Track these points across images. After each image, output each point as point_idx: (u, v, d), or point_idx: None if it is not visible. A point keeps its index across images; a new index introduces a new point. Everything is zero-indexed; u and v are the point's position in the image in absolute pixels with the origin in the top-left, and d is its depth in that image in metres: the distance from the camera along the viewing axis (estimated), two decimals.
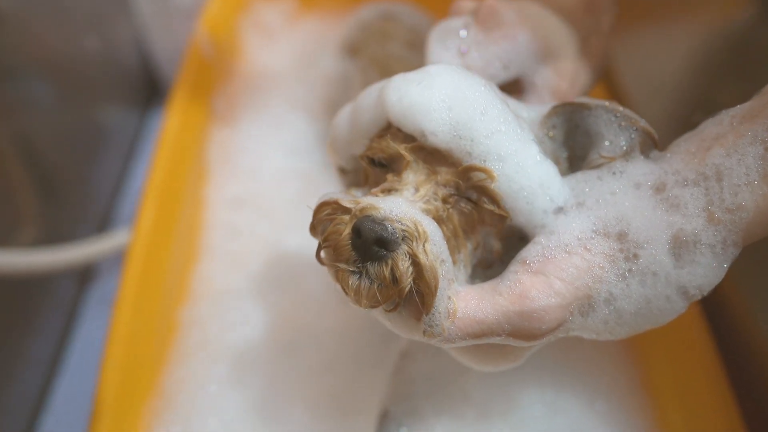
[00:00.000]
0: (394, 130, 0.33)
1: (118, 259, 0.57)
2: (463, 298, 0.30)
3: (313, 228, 0.33)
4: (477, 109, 0.32)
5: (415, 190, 0.31)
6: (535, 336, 0.29)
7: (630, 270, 0.29)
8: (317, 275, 0.55)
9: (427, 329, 0.29)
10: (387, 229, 0.28)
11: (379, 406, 0.43)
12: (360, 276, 0.29)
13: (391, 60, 0.58)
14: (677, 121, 0.57)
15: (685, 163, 0.31)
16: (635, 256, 0.29)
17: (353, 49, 0.63)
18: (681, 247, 0.29)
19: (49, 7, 0.58)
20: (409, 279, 0.29)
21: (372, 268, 0.29)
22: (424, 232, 0.29)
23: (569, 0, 0.41)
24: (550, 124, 0.34)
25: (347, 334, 0.51)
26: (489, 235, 0.33)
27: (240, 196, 0.62)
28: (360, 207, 0.30)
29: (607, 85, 0.61)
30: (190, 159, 0.62)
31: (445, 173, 0.32)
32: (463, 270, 0.33)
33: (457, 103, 0.32)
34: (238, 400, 0.48)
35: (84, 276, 0.63)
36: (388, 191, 0.32)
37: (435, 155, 0.32)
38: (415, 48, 0.60)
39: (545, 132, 0.34)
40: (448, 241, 0.31)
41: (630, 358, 0.48)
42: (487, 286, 0.31)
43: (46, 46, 0.59)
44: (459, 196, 0.32)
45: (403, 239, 0.29)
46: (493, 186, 0.31)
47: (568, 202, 0.32)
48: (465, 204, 0.32)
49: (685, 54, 0.59)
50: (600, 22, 0.41)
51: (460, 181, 0.32)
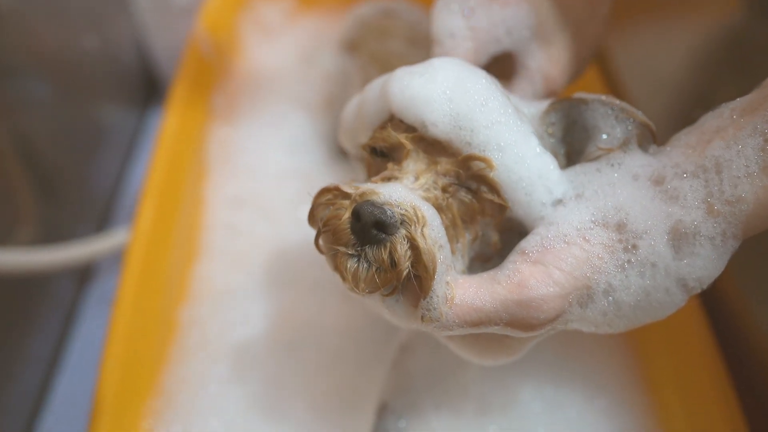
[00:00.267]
0: (396, 121, 0.33)
1: (117, 258, 0.57)
2: (461, 286, 0.30)
3: (312, 216, 0.33)
4: (478, 100, 0.32)
5: (415, 179, 0.32)
6: (533, 326, 0.29)
7: (629, 261, 0.29)
8: (317, 274, 0.55)
9: (425, 314, 0.29)
10: (386, 212, 0.29)
11: (377, 399, 0.42)
12: (358, 259, 0.29)
13: (390, 57, 0.58)
14: (677, 118, 0.57)
15: (685, 156, 0.31)
16: (634, 246, 0.29)
17: (353, 47, 0.63)
18: (680, 238, 0.29)
19: (48, 6, 0.58)
20: (407, 262, 0.29)
21: (371, 251, 0.29)
22: (422, 217, 0.29)
23: None
24: (549, 121, 0.34)
25: (348, 332, 0.51)
26: (488, 227, 0.33)
27: (240, 195, 0.62)
28: (360, 192, 0.30)
29: (607, 81, 0.61)
30: (190, 158, 0.62)
31: (445, 163, 0.32)
32: (461, 260, 0.33)
33: (458, 94, 0.32)
34: (239, 399, 0.47)
35: (83, 275, 0.63)
36: (388, 179, 0.32)
37: (435, 146, 0.32)
38: (415, 45, 0.60)
39: (544, 129, 0.34)
40: (446, 230, 0.31)
41: (630, 353, 0.48)
42: (485, 275, 0.31)
43: (45, 44, 0.59)
44: (459, 185, 0.32)
45: (401, 223, 0.29)
46: (492, 175, 0.31)
47: (567, 194, 0.32)
48: (465, 194, 0.32)
49: (685, 50, 0.59)
50: (596, 9, 0.41)
51: (460, 171, 0.32)
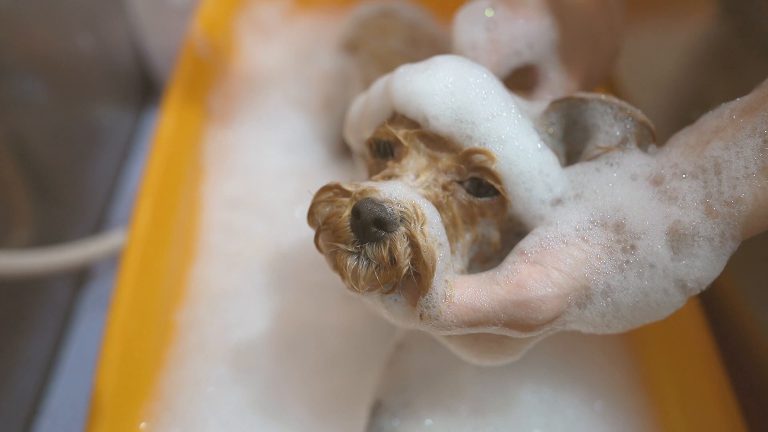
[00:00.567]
0: (398, 118, 0.33)
1: (114, 260, 0.57)
2: (459, 285, 0.30)
3: (311, 214, 0.33)
4: (479, 94, 0.32)
5: (415, 176, 0.32)
6: (531, 327, 0.29)
7: (627, 261, 0.29)
8: (316, 274, 0.54)
9: (424, 312, 0.29)
10: (386, 210, 0.29)
11: (371, 398, 0.42)
12: (358, 257, 0.29)
13: (390, 56, 0.58)
14: (674, 117, 0.57)
15: (684, 156, 0.31)
16: (632, 247, 0.29)
17: (352, 46, 0.63)
18: (679, 239, 0.29)
19: (43, 5, 0.58)
20: (407, 260, 0.29)
21: (370, 249, 0.29)
22: (422, 215, 0.29)
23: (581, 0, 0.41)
24: (549, 121, 0.34)
25: (346, 332, 0.51)
26: (489, 226, 0.33)
27: (237, 196, 0.61)
28: (360, 190, 0.30)
29: (606, 81, 0.61)
30: (186, 158, 0.62)
31: (446, 159, 0.32)
32: (461, 260, 0.33)
33: (459, 88, 0.32)
34: (238, 401, 0.47)
35: (79, 278, 0.62)
36: (389, 177, 0.32)
37: (436, 141, 0.32)
38: (415, 44, 0.59)
39: (545, 129, 0.34)
40: (446, 229, 0.31)
41: (629, 355, 0.48)
42: (484, 276, 0.31)
43: (40, 44, 0.58)
44: (460, 184, 0.32)
45: (401, 220, 0.29)
46: (494, 167, 0.31)
47: (566, 193, 0.32)
48: (465, 195, 0.32)
49: (683, 50, 0.59)
50: (611, 18, 0.41)
51: (462, 165, 0.32)
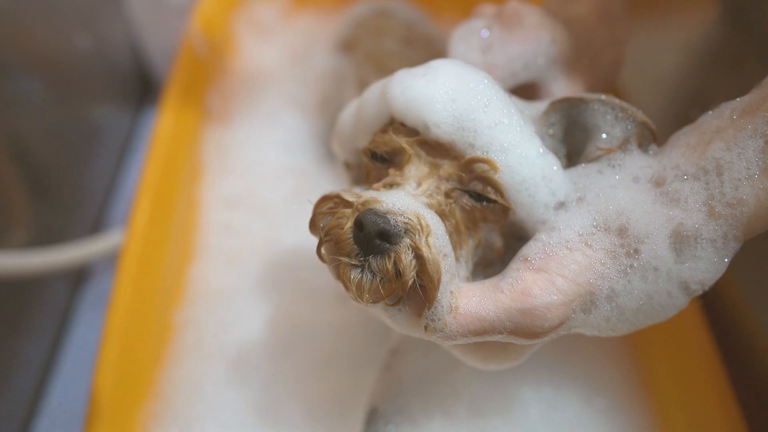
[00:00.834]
0: (396, 125, 0.33)
1: (112, 260, 0.56)
2: (464, 294, 0.29)
3: (313, 224, 0.32)
4: (480, 101, 0.31)
5: (418, 185, 0.31)
6: (537, 334, 0.29)
7: (631, 266, 0.29)
8: (314, 273, 0.54)
9: (429, 324, 0.29)
10: (390, 222, 0.28)
11: (367, 402, 0.42)
12: (362, 270, 0.29)
13: (385, 56, 0.58)
14: (673, 117, 0.57)
15: (686, 157, 0.30)
16: (636, 251, 0.29)
17: (348, 46, 0.63)
18: (682, 242, 0.29)
19: (41, 5, 0.57)
20: (413, 272, 0.28)
21: (374, 261, 0.28)
22: (426, 226, 0.29)
23: (582, 10, 0.41)
24: (549, 121, 0.34)
25: (344, 332, 0.51)
26: (492, 231, 0.33)
27: (235, 195, 0.61)
28: (362, 200, 0.29)
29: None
30: (184, 158, 0.61)
31: (447, 166, 0.31)
32: (465, 266, 0.32)
33: (460, 95, 0.31)
34: (236, 400, 0.47)
35: (78, 277, 0.62)
36: (390, 185, 0.32)
37: (437, 149, 0.32)
38: (410, 44, 0.59)
39: (545, 129, 0.34)
40: (450, 236, 0.31)
41: (628, 353, 0.48)
42: (488, 283, 0.30)
43: (38, 44, 0.58)
44: (462, 191, 0.32)
45: (405, 232, 0.28)
46: (496, 177, 0.31)
47: (569, 196, 0.32)
48: (467, 201, 0.32)
49: (682, 50, 0.59)
50: (613, 31, 0.41)
51: (463, 174, 0.31)
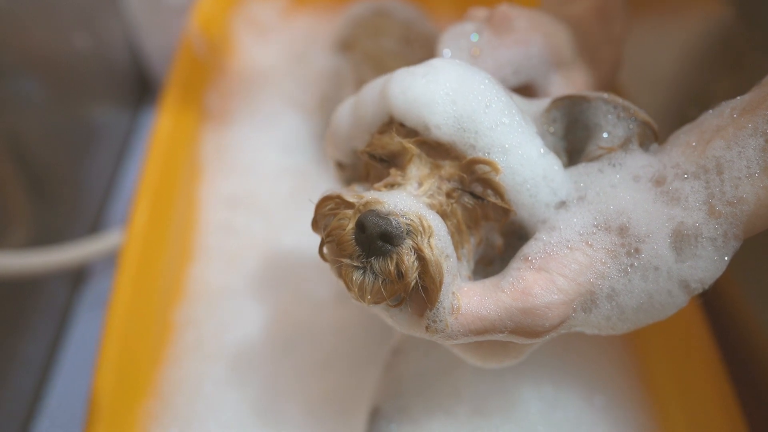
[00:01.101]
0: (396, 125, 0.32)
1: (111, 260, 0.56)
2: (465, 294, 0.30)
3: (315, 223, 0.32)
4: (481, 101, 0.31)
5: (419, 185, 0.31)
6: (537, 333, 0.29)
7: (632, 265, 0.29)
8: (313, 273, 0.54)
9: (431, 325, 0.29)
10: (392, 223, 0.28)
11: (369, 404, 0.42)
12: (364, 271, 0.29)
13: (384, 55, 0.58)
14: (673, 116, 0.57)
15: (686, 156, 0.30)
16: (637, 250, 0.29)
17: (346, 45, 0.63)
18: (682, 240, 0.29)
19: (39, 5, 0.57)
20: (415, 274, 0.28)
21: (377, 263, 0.28)
22: (429, 227, 0.29)
23: (580, 9, 0.41)
24: (551, 119, 0.34)
25: (344, 331, 0.51)
26: (492, 231, 0.33)
27: (234, 195, 0.61)
28: (364, 201, 0.29)
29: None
30: (183, 158, 0.61)
31: (448, 167, 0.31)
32: (466, 265, 0.32)
33: (461, 96, 0.31)
34: (236, 400, 0.47)
35: (77, 277, 0.62)
36: (392, 186, 0.31)
37: (438, 149, 0.32)
38: (409, 43, 0.59)
39: (545, 127, 0.34)
40: (451, 236, 0.31)
41: (628, 352, 0.48)
42: (489, 283, 0.30)
43: (36, 44, 0.58)
44: (463, 191, 0.32)
45: (407, 234, 0.28)
46: (497, 178, 0.31)
47: (570, 195, 0.32)
48: (468, 199, 0.32)
49: (681, 48, 0.59)
50: (611, 30, 0.41)
51: (464, 175, 0.31)
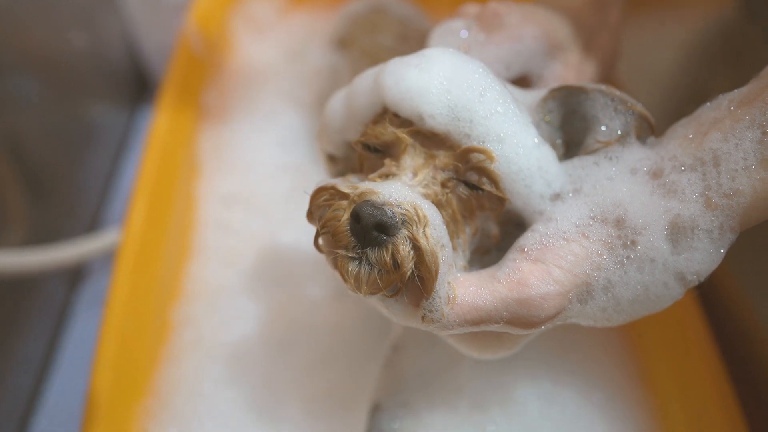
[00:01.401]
0: (390, 115, 0.32)
1: (109, 258, 0.56)
2: (461, 285, 0.30)
3: (311, 214, 0.32)
4: (476, 91, 0.31)
5: (414, 175, 0.31)
6: (533, 324, 0.29)
7: (628, 257, 0.29)
8: (311, 271, 0.54)
9: (427, 315, 0.29)
10: (387, 213, 0.28)
11: (370, 400, 0.42)
12: (360, 262, 0.29)
13: (381, 52, 0.58)
14: (672, 111, 0.57)
15: (683, 149, 0.30)
16: (633, 242, 0.29)
17: (343, 42, 0.63)
18: (678, 233, 0.29)
19: (37, 3, 0.57)
20: (410, 264, 0.28)
21: (372, 253, 0.28)
22: (424, 217, 0.29)
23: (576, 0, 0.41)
24: (547, 109, 0.34)
25: (342, 329, 0.51)
26: (487, 220, 0.33)
27: (232, 193, 0.61)
28: (358, 192, 0.29)
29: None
30: (181, 156, 0.61)
31: (443, 156, 0.31)
32: (462, 255, 0.32)
33: (455, 85, 0.31)
34: (234, 399, 0.47)
35: (74, 276, 0.62)
36: (386, 176, 0.31)
37: (432, 139, 0.32)
38: (406, 40, 0.59)
39: (541, 117, 0.34)
40: (447, 225, 0.31)
41: (627, 348, 0.48)
42: (485, 273, 0.30)
43: (34, 42, 0.58)
44: (458, 180, 0.32)
45: (403, 223, 0.28)
46: (492, 167, 0.31)
47: (565, 188, 0.32)
48: (463, 189, 0.32)
49: (680, 44, 0.59)
50: (607, 17, 0.41)
51: (459, 164, 0.31)
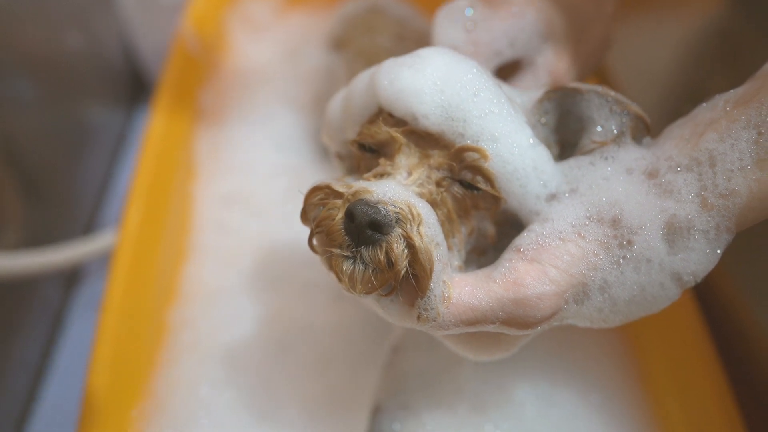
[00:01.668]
0: (385, 115, 0.32)
1: (105, 261, 0.56)
2: (457, 284, 0.29)
3: (305, 214, 0.32)
4: (469, 90, 0.31)
5: (408, 174, 0.31)
6: (529, 324, 0.29)
7: (624, 257, 0.29)
8: (309, 271, 0.54)
9: (422, 313, 0.29)
10: (380, 211, 0.28)
11: (371, 401, 0.42)
12: (354, 261, 0.29)
13: (378, 53, 0.58)
14: (668, 112, 0.57)
15: (679, 149, 0.30)
16: (629, 242, 0.29)
17: (340, 43, 0.63)
18: (675, 233, 0.29)
19: (32, 4, 0.57)
20: (405, 262, 0.28)
21: (366, 252, 0.28)
22: (418, 215, 0.29)
23: None
24: (542, 110, 0.34)
25: (340, 330, 0.51)
26: (484, 220, 0.33)
27: (229, 194, 0.61)
28: (352, 191, 0.29)
29: (599, 75, 0.61)
30: (177, 157, 0.61)
31: (437, 156, 0.31)
32: (458, 255, 0.32)
33: (449, 85, 0.31)
34: (232, 401, 0.47)
35: (70, 278, 0.62)
36: (381, 175, 0.31)
37: (427, 139, 0.32)
38: (402, 40, 0.59)
39: (537, 118, 0.34)
40: (442, 225, 0.31)
41: (625, 349, 0.48)
42: (481, 273, 0.30)
43: (29, 43, 0.58)
44: (452, 179, 0.32)
45: (396, 222, 0.28)
46: (486, 165, 0.30)
47: (560, 188, 0.32)
48: (458, 188, 0.32)
49: (676, 45, 0.59)
50: (601, 8, 0.41)
51: (454, 163, 0.31)
